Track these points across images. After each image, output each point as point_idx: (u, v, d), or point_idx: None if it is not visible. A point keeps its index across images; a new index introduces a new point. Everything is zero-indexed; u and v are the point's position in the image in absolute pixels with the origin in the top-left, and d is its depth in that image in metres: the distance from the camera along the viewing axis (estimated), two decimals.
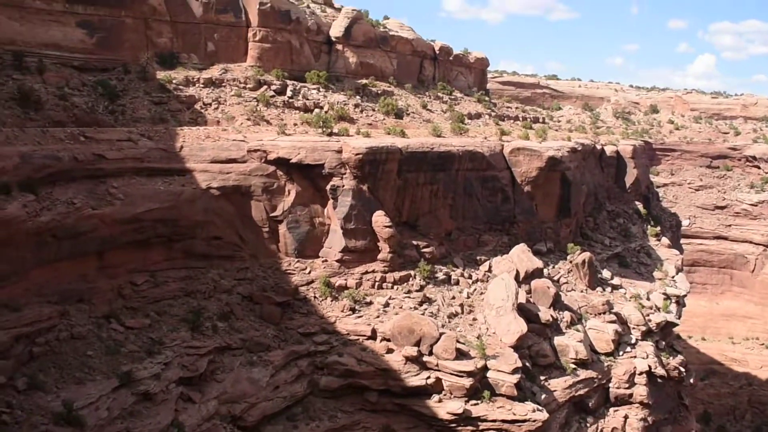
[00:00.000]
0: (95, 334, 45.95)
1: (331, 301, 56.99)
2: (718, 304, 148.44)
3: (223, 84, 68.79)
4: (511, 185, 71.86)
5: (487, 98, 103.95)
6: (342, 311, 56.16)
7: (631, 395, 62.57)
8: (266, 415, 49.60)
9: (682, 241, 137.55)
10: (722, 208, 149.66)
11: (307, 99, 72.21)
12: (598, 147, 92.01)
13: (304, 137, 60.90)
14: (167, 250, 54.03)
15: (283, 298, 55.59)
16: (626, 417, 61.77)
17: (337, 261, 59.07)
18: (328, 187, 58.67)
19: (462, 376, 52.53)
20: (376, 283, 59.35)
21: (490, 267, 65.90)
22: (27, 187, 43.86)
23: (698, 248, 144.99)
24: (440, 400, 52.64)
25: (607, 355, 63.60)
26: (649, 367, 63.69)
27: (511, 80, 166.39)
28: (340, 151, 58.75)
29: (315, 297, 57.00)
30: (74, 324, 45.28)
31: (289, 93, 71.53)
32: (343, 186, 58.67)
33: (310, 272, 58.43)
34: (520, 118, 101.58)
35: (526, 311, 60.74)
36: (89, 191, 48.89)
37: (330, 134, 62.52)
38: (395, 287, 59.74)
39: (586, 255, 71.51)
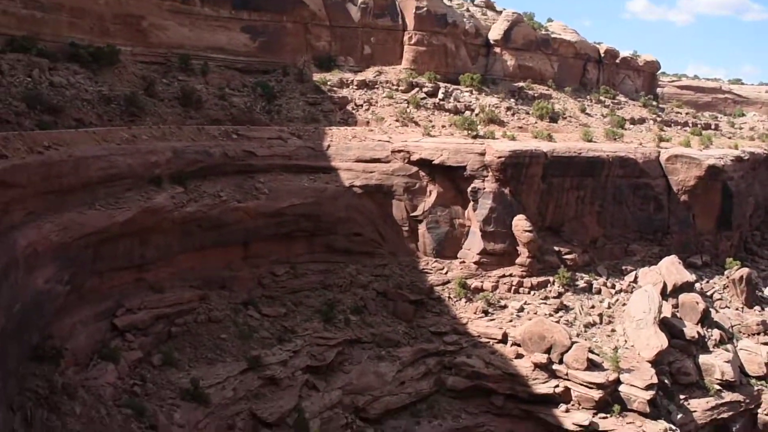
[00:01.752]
0: (231, 318, 48.86)
1: (465, 302, 57.18)
2: None
3: (376, 86, 70.73)
4: (666, 194, 68.88)
5: (654, 103, 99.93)
6: (474, 313, 56.27)
7: None
8: (389, 409, 50.51)
9: None
10: None
11: (459, 101, 72.72)
12: None
13: (447, 139, 61.62)
14: (309, 244, 56.57)
15: (416, 296, 56.41)
16: None
17: (474, 263, 59.22)
18: (468, 189, 58.97)
19: (592, 388, 51.07)
20: (513, 287, 58.89)
21: (636, 278, 63.52)
22: (177, 180, 47.65)
23: None
24: (567, 410, 51.38)
25: (759, 378, 59.53)
26: None
27: (690, 84, 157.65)
28: (483, 154, 59.01)
29: (449, 297, 57.43)
30: (212, 308, 48.42)
31: (440, 95, 72.35)
32: (484, 188, 58.78)
33: (447, 272, 58.92)
34: (690, 124, 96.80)
35: (670, 326, 58.23)
36: (237, 185, 52.31)
37: (475, 137, 62.74)
38: (532, 292, 59.02)
39: (745, 271, 67.23)
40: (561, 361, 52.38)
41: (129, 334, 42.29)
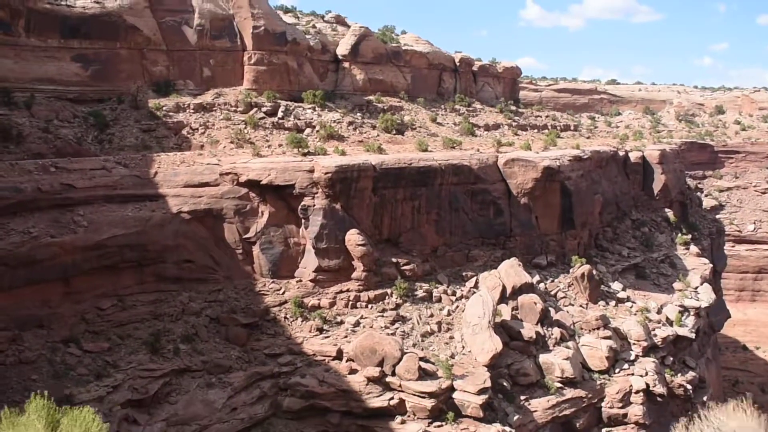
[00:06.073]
0: (46, 358, 47.21)
1: (302, 321, 56.81)
2: None
3: (214, 108, 70.14)
4: (506, 198, 69.86)
5: (513, 108, 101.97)
6: (310, 331, 56.00)
7: (625, 415, 59.50)
8: None
9: (747, 247, 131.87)
10: None
11: (299, 119, 72.64)
12: (621, 153, 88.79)
13: (276, 158, 61.42)
14: (138, 275, 55.12)
15: (249, 319, 55.76)
16: None
17: (311, 281, 58.97)
18: (299, 207, 58.80)
19: (424, 397, 51.33)
20: (350, 302, 58.86)
21: (476, 283, 64.30)
22: None
23: (765, 254, 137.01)
24: (403, 422, 51.46)
25: (602, 372, 60.79)
26: (647, 384, 60.56)
27: (567, 87, 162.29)
28: (311, 171, 58.89)
29: (285, 317, 56.97)
30: (24, 349, 46.65)
31: (280, 114, 72.13)
32: (314, 205, 58.69)
33: (284, 293, 58.52)
34: (549, 127, 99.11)
35: (508, 328, 59.16)
36: (53, 220, 50.79)
37: (305, 154, 62.70)
38: (369, 306, 59.07)
39: (586, 268, 68.67)
40: (394, 373, 52.56)
41: None
